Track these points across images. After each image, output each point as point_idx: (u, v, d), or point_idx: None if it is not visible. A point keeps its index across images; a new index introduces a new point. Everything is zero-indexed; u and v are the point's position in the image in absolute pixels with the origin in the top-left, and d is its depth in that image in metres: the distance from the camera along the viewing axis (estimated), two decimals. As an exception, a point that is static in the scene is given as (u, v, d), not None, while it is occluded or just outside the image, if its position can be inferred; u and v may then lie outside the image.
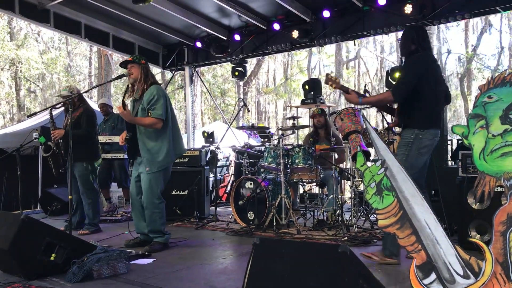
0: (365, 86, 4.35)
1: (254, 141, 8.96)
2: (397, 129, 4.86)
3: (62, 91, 5.35)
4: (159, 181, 4.33)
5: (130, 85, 4.42)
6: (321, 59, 25.06)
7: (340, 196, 5.39)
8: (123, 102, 4.23)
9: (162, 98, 4.28)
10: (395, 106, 3.98)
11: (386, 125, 4.78)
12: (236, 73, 8.57)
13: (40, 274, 3.26)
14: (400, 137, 3.72)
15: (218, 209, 6.33)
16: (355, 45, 8.04)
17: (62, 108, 5.35)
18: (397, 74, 6.22)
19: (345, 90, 3.86)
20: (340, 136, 5.09)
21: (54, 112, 5.37)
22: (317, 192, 6.58)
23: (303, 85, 7.57)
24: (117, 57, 17.67)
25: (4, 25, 20.01)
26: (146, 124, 4.26)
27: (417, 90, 3.56)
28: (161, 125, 4.27)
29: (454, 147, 6.28)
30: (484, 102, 2.22)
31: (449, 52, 21.57)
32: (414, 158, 3.54)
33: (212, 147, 7.72)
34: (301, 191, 6.70)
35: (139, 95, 4.35)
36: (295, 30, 7.22)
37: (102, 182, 6.85)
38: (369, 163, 2.49)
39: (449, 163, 5.62)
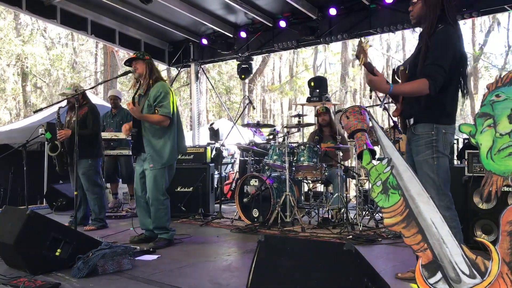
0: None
1: (259, 139, 8.95)
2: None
3: (66, 89, 5.37)
4: (164, 178, 4.34)
5: (135, 80, 4.43)
6: (327, 57, 24.95)
7: (345, 195, 5.38)
8: (133, 98, 4.30)
9: (169, 95, 4.30)
10: None
11: (392, 123, 4.74)
12: (242, 71, 8.56)
13: (45, 269, 3.28)
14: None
15: (222, 206, 6.33)
16: (361, 43, 7.95)
17: (66, 107, 5.37)
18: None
19: (370, 71, 2.85)
20: (346, 134, 5.07)
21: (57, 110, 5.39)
22: (322, 190, 6.57)
23: (309, 83, 7.56)
24: (123, 54, 17.70)
25: (11, 20, 20.07)
26: (154, 122, 4.27)
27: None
28: (168, 123, 4.28)
29: (460, 146, 6.24)
30: (492, 101, 2.20)
31: (456, 50, 21.35)
32: None
33: (217, 144, 7.72)
34: (306, 189, 6.69)
35: (144, 91, 4.36)
36: (301, 28, 7.19)
37: (110, 177, 6.91)
38: (374, 162, 2.48)
39: (455, 162, 5.58)
